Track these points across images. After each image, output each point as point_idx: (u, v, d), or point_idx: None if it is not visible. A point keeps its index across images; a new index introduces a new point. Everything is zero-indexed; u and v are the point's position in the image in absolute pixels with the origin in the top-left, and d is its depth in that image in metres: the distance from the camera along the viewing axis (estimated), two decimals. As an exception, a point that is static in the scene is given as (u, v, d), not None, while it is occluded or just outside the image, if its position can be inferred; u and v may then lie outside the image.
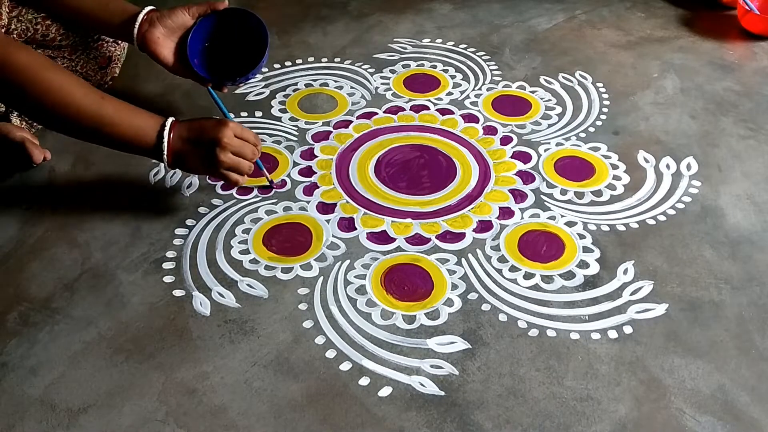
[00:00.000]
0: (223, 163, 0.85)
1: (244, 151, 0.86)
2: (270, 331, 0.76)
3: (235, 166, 0.86)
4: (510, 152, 1.02)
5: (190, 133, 0.85)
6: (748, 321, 0.77)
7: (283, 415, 0.68)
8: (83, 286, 0.82)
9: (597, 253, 0.86)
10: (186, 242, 0.87)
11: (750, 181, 0.96)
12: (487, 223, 0.90)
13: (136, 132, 0.83)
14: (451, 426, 0.67)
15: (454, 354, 0.74)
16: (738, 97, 1.14)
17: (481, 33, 1.32)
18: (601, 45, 1.28)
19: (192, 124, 0.86)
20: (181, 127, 0.85)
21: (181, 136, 0.85)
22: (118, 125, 0.82)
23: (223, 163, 0.85)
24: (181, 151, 0.85)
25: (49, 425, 0.67)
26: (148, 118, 0.84)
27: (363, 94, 1.14)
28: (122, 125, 0.82)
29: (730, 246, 0.86)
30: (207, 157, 0.85)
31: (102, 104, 0.82)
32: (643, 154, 1.01)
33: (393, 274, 0.83)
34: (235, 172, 0.87)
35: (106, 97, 0.83)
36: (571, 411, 0.68)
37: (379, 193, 0.95)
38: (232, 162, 0.85)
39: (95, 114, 0.81)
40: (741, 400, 0.69)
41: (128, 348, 0.75)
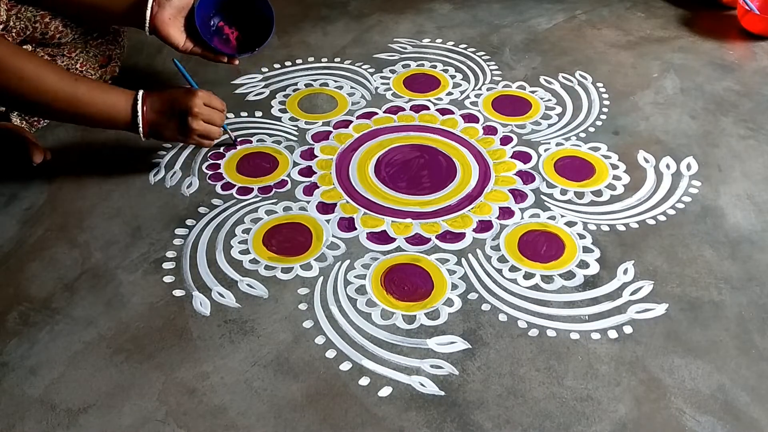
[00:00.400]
0: (195, 131, 0.91)
1: (213, 117, 0.93)
2: (270, 331, 0.76)
3: (206, 133, 0.93)
4: (510, 152, 1.02)
5: (162, 105, 0.90)
6: (748, 321, 0.77)
7: (283, 415, 0.68)
8: (83, 286, 0.82)
9: (597, 253, 0.86)
10: (186, 242, 0.87)
11: (750, 181, 0.97)
12: (487, 223, 0.90)
13: (110, 109, 0.88)
14: (451, 426, 0.67)
15: (454, 354, 0.74)
16: (738, 97, 1.14)
17: (481, 33, 1.32)
18: (601, 45, 1.28)
19: (162, 96, 0.91)
20: (152, 100, 0.90)
21: (153, 108, 0.90)
22: (93, 105, 0.87)
23: (195, 130, 0.91)
24: (155, 123, 0.90)
25: (49, 425, 0.67)
26: (120, 94, 0.89)
27: (363, 94, 1.14)
28: (97, 104, 0.87)
29: (730, 246, 0.86)
30: (180, 126, 0.91)
31: (76, 86, 0.86)
32: (643, 154, 1.01)
33: (393, 274, 0.83)
34: (206, 138, 0.94)
35: (80, 78, 0.88)
36: (571, 411, 0.68)
37: (379, 193, 0.95)
38: (203, 129, 0.92)
39: (71, 96, 0.85)
40: (741, 400, 0.69)
41: (128, 348, 0.75)
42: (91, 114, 0.87)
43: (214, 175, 0.98)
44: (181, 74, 0.99)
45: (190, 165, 0.99)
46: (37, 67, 0.84)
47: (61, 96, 0.85)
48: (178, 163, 1.00)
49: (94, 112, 0.87)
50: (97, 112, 0.87)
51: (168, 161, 1.00)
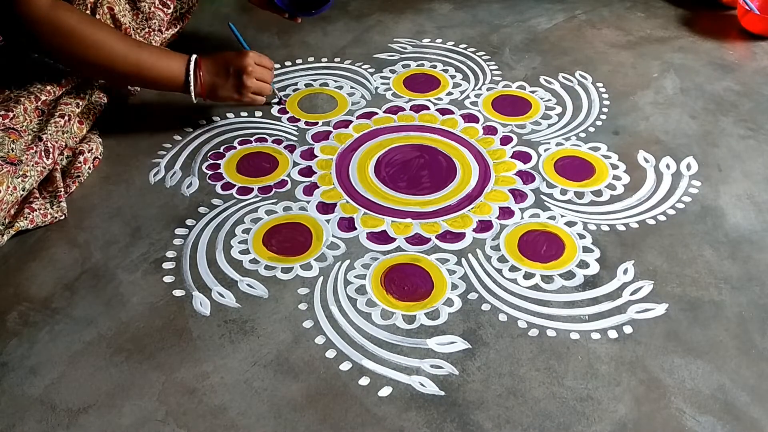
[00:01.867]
0: (250, 88, 1.00)
1: (265, 75, 1.02)
2: (270, 331, 0.76)
3: (259, 90, 1.02)
4: (510, 152, 1.02)
5: (218, 67, 0.99)
6: (748, 321, 0.77)
7: (283, 415, 0.68)
8: (83, 286, 0.82)
9: (597, 253, 0.86)
10: (186, 242, 0.87)
11: (750, 181, 0.97)
12: (487, 223, 0.90)
13: (168, 73, 0.96)
14: (451, 426, 0.67)
15: (454, 354, 0.74)
16: (738, 97, 1.14)
17: (481, 33, 1.32)
18: (601, 45, 1.28)
19: (217, 59, 0.99)
20: (208, 63, 0.99)
21: (210, 70, 0.99)
22: (155, 69, 0.95)
23: (250, 87, 1.00)
24: (213, 84, 0.99)
25: (49, 425, 0.67)
26: (177, 58, 0.97)
27: (363, 94, 1.14)
28: (157, 69, 0.95)
29: (730, 246, 0.86)
30: (235, 85, 1.00)
31: (139, 52, 0.94)
32: (643, 154, 1.01)
33: (393, 274, 0.83)
34: (259, 94, 1.03)
35: (142, 45, 0.96)
36: (571, 411, 0.68)
37: (379, 193, 0.95)
38: (256, 86, 1.01)
39: (134, 62, 0.93)
40: (741, 400, 0.69)
41: (128, 348, 0.75)
42: (152, 77, 0.95)
43: (214, 175, 0.98)
44: (235, 36, 1.08)
45: (190, 165, 1.00)
46: (106, 35, 0.91)
47: (127, 61, 0.92)
48: (178, 163, 1.00)
49: (155, 76, 0.95)
50: (158, 76, 0.96)
51: (168, 161, 1.00)
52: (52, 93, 0.97)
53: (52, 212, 0.89)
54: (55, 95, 0.98)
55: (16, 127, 0.90)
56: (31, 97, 0.94)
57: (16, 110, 0.92)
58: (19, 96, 0.94)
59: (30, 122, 0.93)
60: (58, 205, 0.90)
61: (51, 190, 0.91)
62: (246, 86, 1.00)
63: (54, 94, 0.97)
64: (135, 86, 0.99)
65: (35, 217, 0.87)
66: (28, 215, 0.87)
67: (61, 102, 0.97)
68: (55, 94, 0.98)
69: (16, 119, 0.91)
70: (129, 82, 0.98)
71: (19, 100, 0.93)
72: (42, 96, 0.95)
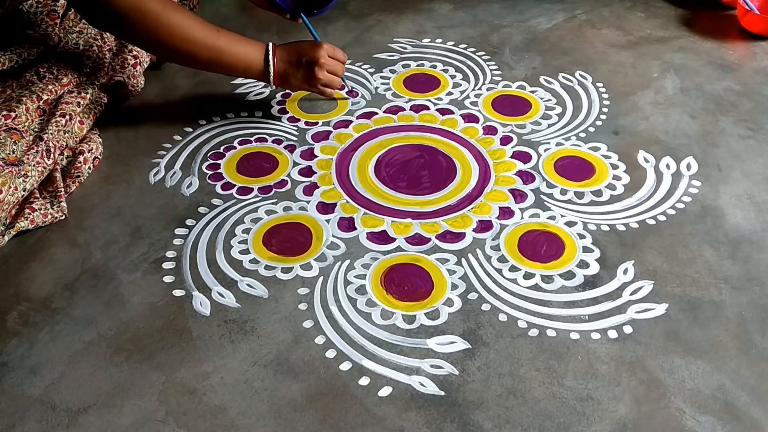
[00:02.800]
0: (320, 80, 1.02)
1: (337, 69, 1.03)
2: (270, 331, 0.76)
3: (329, 83, 1.03)
4: (510, 152, 1.02)
5: (290, 56, 1.00)
6: (748, 321, 0.77)
7: (283, 415, 0.68)
8: (83, 286, 0.82)
9: (597, 253, 0.86)
10: (186, 242, 0.87)
11: (750, 181, 0.97)
12: (487, 223, 0.90)
13: (246, 59, 0.97)
14: (451, 426, 0.67)
15: (454, 354, 0.74)
16: (738, 97, 1.14)
17: (481, 33, 1.32)
18: (601, 45, 1.28)
19: (291, 48, 1.01)
20: (282, 51, 1.00)
21: (282, 59, 1.00)
22: (232, 54, 0.96)
23: (321, 80, 1.02)
24: (285, 72, 1.00)
25: (49, 425, 0.67)
26: (254, 45, 0.98)
27: (363, 94, 1.14)
28: (235, 54, 0.96)
29: (730, 246, 0.86)
30: (306, 76, 1.01)
31: (218, 37, 0.95)
32: (643, 154, 1.01)
33: (393, 274, 0.83)
34: (328, 87, 1.03)
35: (221, 31, 0.96)
36: (571, 411, 0.68)
37: (379, 193, 0.95)
38: (327, 79, 1.02)
39: (213, 47, 0.94)
40: (741, 400, 0.69)
41: (128, 348, 0.75)
42: (230, 63, 0.97)
43: (214, 175, 0.98)
44: (308, 29, 1.08)
45: (190, 165, 1.00)
46: (185, 19, 0.92)
47: (207, 46, 0.94)
48: (178, 163, 1.00)
49: (233, 61, 0.97)
50: (236, 61, 0.97)
51: (168, 161, 1.00)
52: (54, 92, 0.97)
53: (53, 212, 0.89)
54: (56, 94, 0.98)
55: (18, 128, 0.90)
56: (33, 96, 0.94)
57: (18, 110, 0.92)
58: (21, 95, 0.94)
59: (32, 122, 0.93)
60: (58, 205, 0.90)
61: (51, 190, 0.91)
62: (317, 78, 1.01)
63: (55, 93, 0.98)
64: (212, 71, 1.00)
65: (36, 217, 0.87)
66: (29, 215, 0.87)
67: (62, 101, 0.97)
68: (56, 94, 0.98)
69: (18, 119, 0.91)
70: (207, 68, 0.98)
71: (21, 100, 0.93)
72: (44, 95, 0.96)
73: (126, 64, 1.07)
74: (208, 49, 0.94)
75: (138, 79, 1.10)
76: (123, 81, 1.07)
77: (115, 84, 1.07)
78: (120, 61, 1.06)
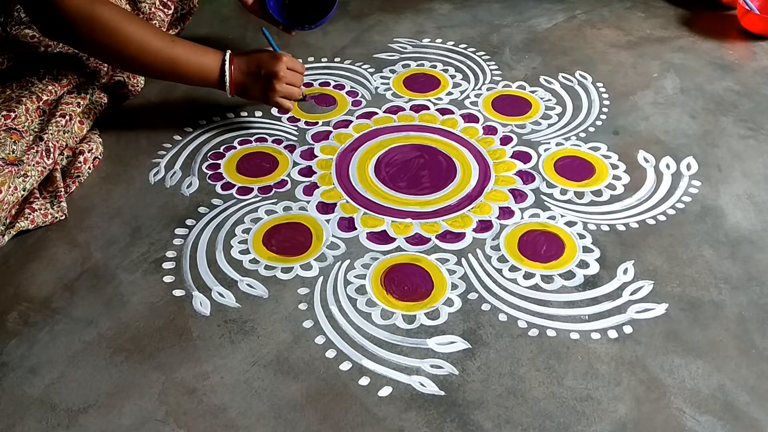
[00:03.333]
0: (279, 92, 1.00)
1: (295, 80, 1.01)
2: (270, 331, 0.76)
3: (288, 95, 1.01)
4: (510, 152, 1.02)
5: (249, 67, 0.99)
6: (748, 321, 0.77)
7: (283, 415, 0.68)
8: (83, 286, 0.82)
9: (597, 252, 0.86)
10: (186, 242, 0.87)
11: (750, 181, 0.97)
12: (487, 223, 0.90)
13: (202, 69, 0.96)
14: (451, 426, 0.67)
15: (454, 354, 0.74)
16: (738, 97, 1.14)
17: (481, 33, 1.32)
18: (601, 45, 1.28)
19: (250, 59, 0.99)
20: (240, 61, 0.98)
21: (241, 69, 0.98)
22: (188, 65, 0.95)
23: (279, 92, 1.00)
24: (243, 83, 0.99)
25: (49, 425, 0.67)
26: (211, 54, 0.97)
27: (363, 94, 1.14)
28: (191, 65, 0.95)
29: (730, 246, 0.86)
30: (265, 88, 0.99)
31: (174, 48, 0.93)
32: (643, 153, 1.01)
33: (393, 274, 0.83)
34: (287, 99, 1.01)
35: (176, 40, 0.95)
36: (571, 411, 0.68)
37: (379, 193, 0.95)
38: (286, 91, 1.00)
39: (169, 57, 0.93)
40: (741, 400, 0.69)
41: (128, 348, 0.75)
42: (185, 73, 0.96)
43: (214, 175, 0.98)
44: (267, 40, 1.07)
45: (190, 165, 1.00)
46: (141, 29, 0.91)
47: (162, 57, 0.93)
48: (178, 163, 1.00)
49: (189, 72, 0.95)
50: (191, 72, 0.96)
51: (168, 161, 1.00)
52: (54, 93, 0.97)
53: (53, 212, 0.89)
54: (56, 95, 0.98)
55: (17, 128, 0.90)
56: (32, 96, 0.94)
57: (17, 110, 0.92)
58: (21, 96, 0.94)
59: (31, 122, 0.93)
60: (58, 205, 0.90)
61: (51, 190, 0.91)
62: (275, 90, 0.99)
63: (55, 93, 0.97)
64: (168, 80, 0.99)
65: (36, 217, 0.87)
66: (29, 215, 0.87)
67: (62, 101, 0.97)
68: (56, 94, 0.98)
69: (18, 119, 0.91)
70: (164, 77, 0.98)
71: (21, 100, 0.93)
72: (44, 96, 0.96)
73: None
74: (164, 59, 0.93)
75: (138, 79, 1.10)
76: (123, 81, 1.07)
77: (115, 84, 1.07)
78: None
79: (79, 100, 0.99)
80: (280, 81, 0.99)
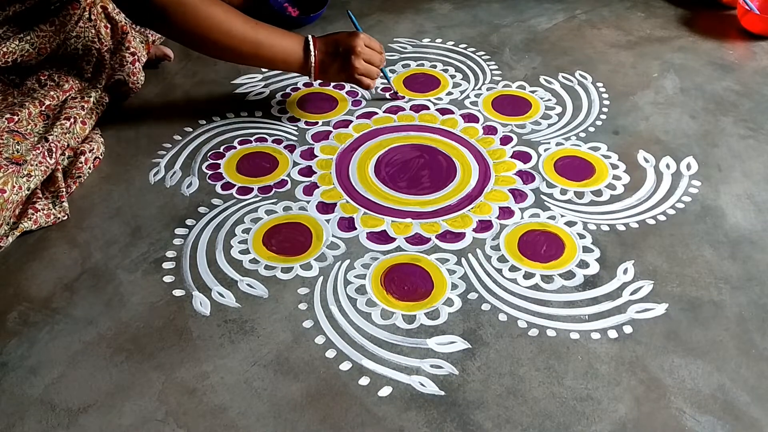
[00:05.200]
0: (358, 69, 1.01)
1: (374, 58, 1.02)
2: (270, 331, 0.76)
3: (366, 72, 1.02)
4: (510, 152, 1.02)
5: (327, 47, 1.00)
6: (748, 321, 0.77)
7: (283, 414, 0.68)
8: (83, 286, 0.82)
9: (597, 252, 0.86)
10: (186, 242, 0.87)
11: (750, 180, 0.97)
12: (487, 223, 0.90)
13: (285, 52, 0.98)
14: (451, 426, 0.67)
15: (454, 354, 0.74)
16: (738, 97, 1.14)
17: (481, 33, 1.32)
18: (601, 45, 1.28)
19: (327, 39, 1.01)
20: (320, 42, 1.00)
21: (321, 49, 1.00)
22: (272, 48, 0.97)
23: (357, 69, 1.01)
24: (323, 63, 1.00)
25: (49, 425, 0.67)
26: (293, 38, 0.99)
27: (363, 94, 1.14)
28: (275, 47, 0.97)
29: (730, 246, 0.86)
30: (344, 65, 1.01)
31: (257, 31, 0.95)
32: (643, 153, 1.01)
33: (393, 273, 0.83)
34: (366, 77, 1.02)
35: (259, 24, 0.97)
36: (571, 411, 0.68)
37: (379, 193, 0.95)
38: (364, 68, 1.01)
39: (253, 41, 0.95)
40: (741, 400, 0.69)
41: (128, 348, 0.75)
42: (268, 56, 0.97)
43: (214, 174, 0.98)
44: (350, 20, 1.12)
45: (189, 165, 1.00)
46: (225, 13, 0.93)
47: (246, 41, 0.94)
48: (178, 162, 1.00)
49: (272, 55, 0.97)
50: (275, 55, 0.97)
51: (168, 161, 1.00)
52: (56, 98, 0.97)
53: (55, 212, 0.89)
54: (59, 100, 0.98)
55: (20, 131, 0.90)
56: (35, 102, 0.95)
57: (20, 114, 0.92)
58: (24, 101, 0.94)
59: (35, 126, 0.93)
60: (60, 205, 0.90)
61: (53, 190, 0.91)
62: (354, 67, 1.00)
63: (58, 99, 0.98)
64: (251, 65, 1.01)
65: (39, 217, 0.87)
66: (32, 215, 0.87)
67: (66, 106, 0.97)
68: (59, 99, 0.98)
69: (20, 123, 0.91)
70: (246, 61, 0.99)
71: (24, 104, 0.93)
72: (46, 101, 0.96)
73: (125, 62, 1.06)
74: (248, 42, 0.94)
75: (138, 76, 1.10)
76: (123, 79, 1.07)
77: (116, 82, 1.07)
78: (119, 59, 1.06)
79: (83, 103, 0.99)
80: (357, 57, 1.00)
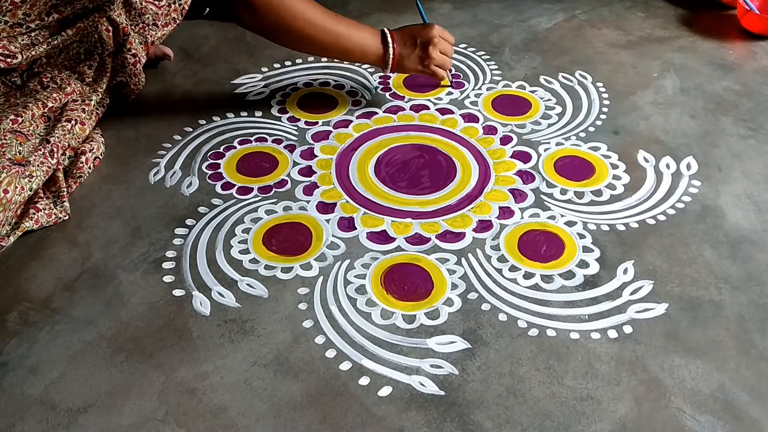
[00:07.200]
0: (434, 60, 1.03)
1: (447, 49, 1.05)
2: (270, 331, 0.76)
3: (441, 63, 1.04)
4: (510, 152, 1.02)
5: (404, 39, 1.02)
6: (748, 321, 0.77)
7: (283, 414, 0.68)
8: (83, 286, 0.82)
9: (597, 252, 0.86)
10: (186, 242, 0.87)
11: (750, 180, 0.97)
12: (487, 223, 0.90)
13: (362, 44, 1.00)
14: (451, 426, 0.67)
15: (454, 354, 0.74)
16: (738, 96, 1.14)
17: (481, 33, 1.32)
18: (601, 45, 1.28)
19: (403, 32, 1.03)
20: (396, 35, 1.02)
21: (397, 42, 1.02)
22: (350, 40, 0.99)
23: (434, 59, 1.03)
24: (401, 55, 1.02)
25: (49, 425, 0.67)
26: (371, 30, 1.01)
27: (363, 94, 1.14)
28: (353, 40, 1.00)
29: (729, 246, 0.86)
30: (421, 56, 1.03)
31: (338, 23, 0.98)
32: (643, 153, 1.01)
33: (393, 273, 0.83)
34: (441, 67, 1.04)
35: (339, 16, 0.99)
36: (571, 411, 0.68)
37: (379, 193, 0.95)
38: (440, 60, 1.03)
39: (333, 32, 0.98)
40: (741, 399, 0.69)
41: (128, 348, 0.75)
42: (347, 48, 1.00)
43: (214, 174, 0.98)
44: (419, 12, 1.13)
45: (189, 165, 1.00)
46: (308, 4, 0.96)
47: (328, 30, 0.97)
48: (178, 162, 1.00)
49: (351, 45, 0.99)
50: (353, 46, 1.00)
51: (168, 161, 1.00)
52: (58, 100, 0.98)
53: (56, 212, 0.89)
54: (61, 102, 0.98)
55: (23, 131, 0.90)
56: (38, 103, 0.95)
57: (24, 115, 0.92)
58: (27, 101, 0.95)
59: (36, 127, 0.94)
60: (61, 205, 0.90)
61: (54, 190, 0.91)
62: (431, 57, 1.02)
63: (60, 101, 0.98)
64: (329, 56, 1.03)
65: (40, 217, 0.87)
66: (33, 215, 0.87)
67: (67, 108, 0.97)
68: (61, 102, 0.98)
69: (23, 124, 0.92)
70: (325, 52, 1.02)
71: (27, 105, 0.94)
72: (48, 103, 0.96)
73: (126, 63, 1.06)
74: (329, 33, 0.97)
75: (139, 77, 1.10)
76: (125, 81, 1.07)
77: (117, 84, 1.07)
78: (120, 62, 1.06)
79: (84, 106, 0.99)
80: (435, 47, 1.01)
